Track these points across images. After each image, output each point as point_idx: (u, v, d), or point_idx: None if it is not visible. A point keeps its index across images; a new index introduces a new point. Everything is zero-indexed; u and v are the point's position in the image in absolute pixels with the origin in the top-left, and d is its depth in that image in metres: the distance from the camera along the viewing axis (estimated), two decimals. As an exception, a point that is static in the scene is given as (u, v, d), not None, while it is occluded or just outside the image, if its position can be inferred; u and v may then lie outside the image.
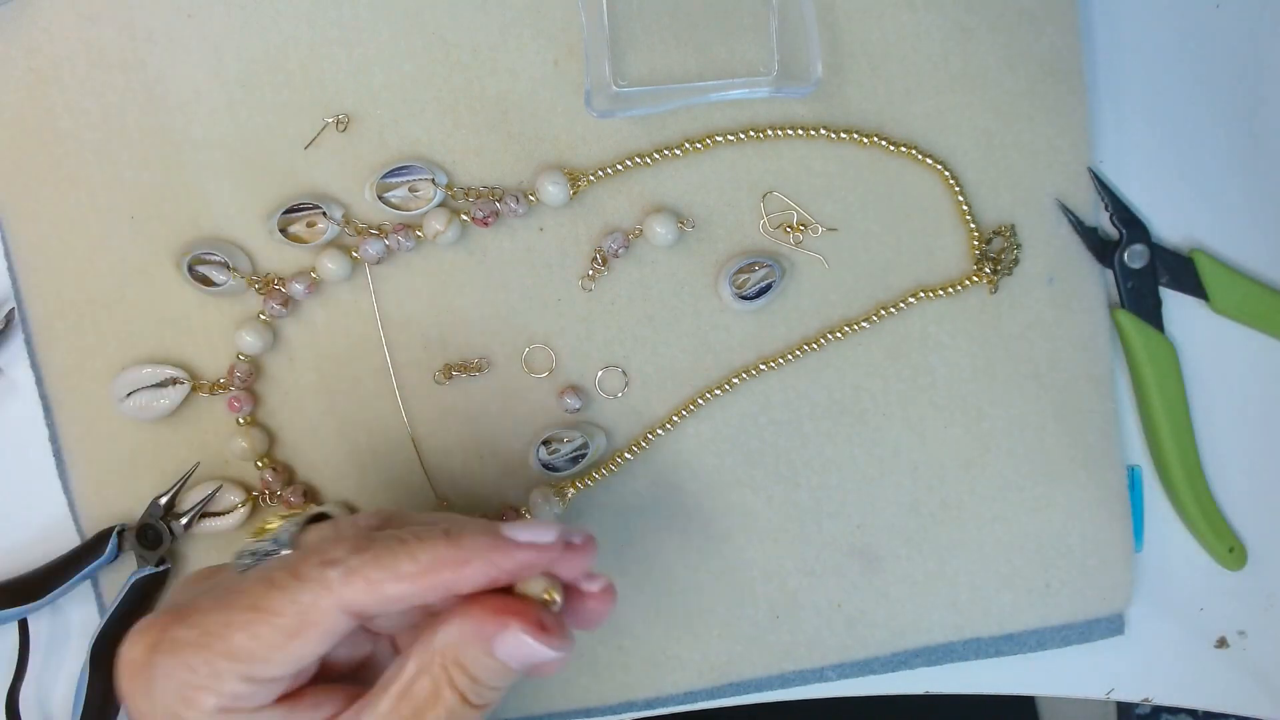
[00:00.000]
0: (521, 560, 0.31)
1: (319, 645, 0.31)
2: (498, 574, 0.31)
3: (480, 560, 0.31)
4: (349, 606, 0.31)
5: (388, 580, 0.31)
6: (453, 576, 0.31)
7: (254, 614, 0.31)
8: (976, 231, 0.44)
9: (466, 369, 0.44)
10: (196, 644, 0.31)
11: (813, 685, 0.46)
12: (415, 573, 0.31)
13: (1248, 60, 0.45)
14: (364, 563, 0.31)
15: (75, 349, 0.43)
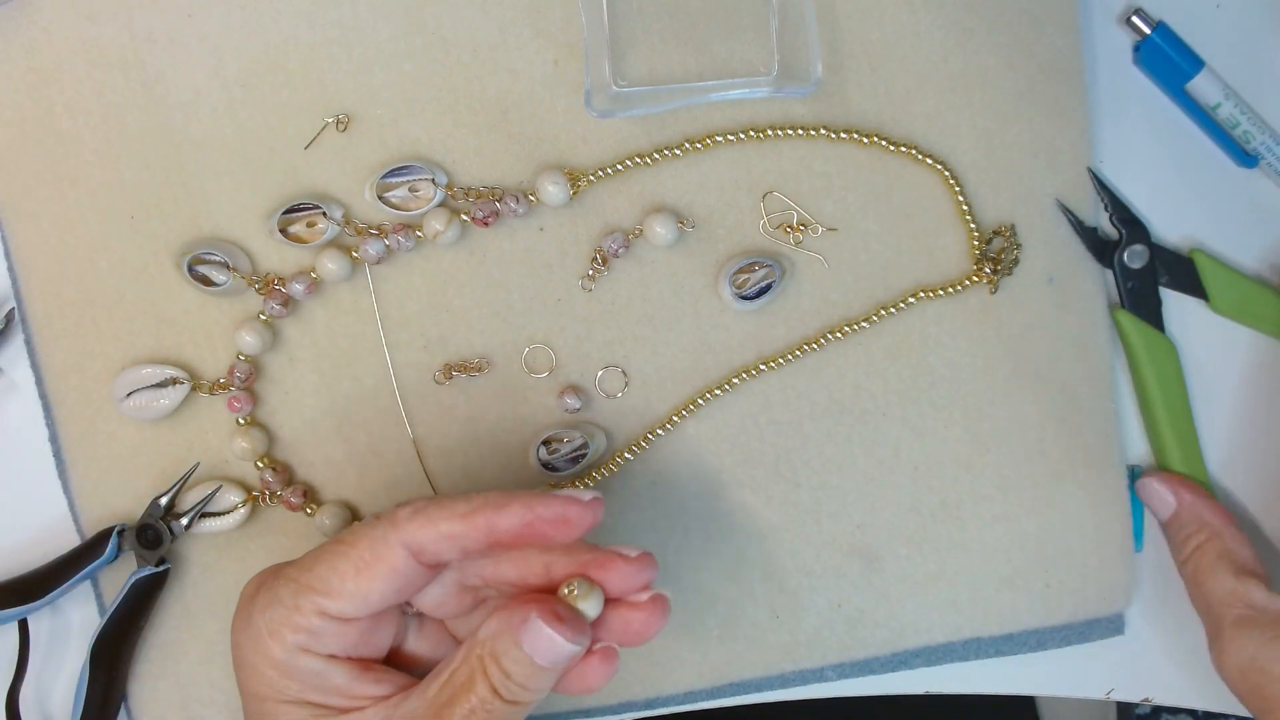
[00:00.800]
0: (557, 509, 0.34)
1: (384, 582, 0.34)
2: (534, 519, 0.34)
3: (519, 504, 0.34)
4: (410, 540, 0.34)
5: (442, 518, 0.34)
6: (495, 516, 0.34)
7: (336, 546, 0.35)
8: (976, 231, 0.44)
9: (466, 369, 0.44)
10: (290, 576, 0.35)
11: (813, 685, 0.46)
12: (466, 511, 0.34)
13: (1248, 60, 0.45)
14: (428, 503, 0.35)
15: (75, 349, 0.43)
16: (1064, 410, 0.45)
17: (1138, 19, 0.44)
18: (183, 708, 0.45)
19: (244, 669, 0.35)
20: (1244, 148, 0.44)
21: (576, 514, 0.34)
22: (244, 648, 0.35)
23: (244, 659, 0.35)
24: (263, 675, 0.35)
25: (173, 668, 0.45)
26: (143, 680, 0.45)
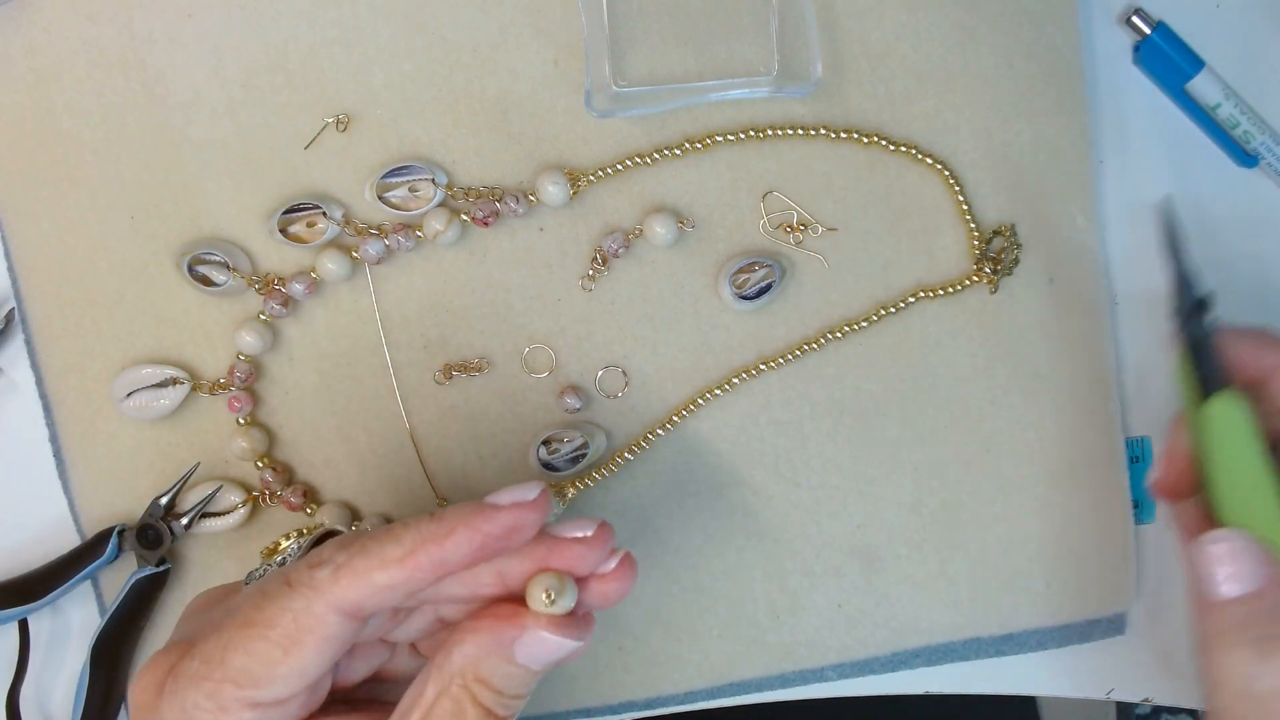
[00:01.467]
0: (505, 521, 0.30)
1: (319, 654, 0.30)
2: (483, 540, 0.30)
3: (463, 526, 0.30)
4: (342, 604, 0.30)
5: (375, 568, 0.30)
6: (438, 549, 0.30)
7: (249, 629, 0.30)
8: (976, 231, 0.44)
9: (466, 369, 0.44)
10: (199, 675, 0.30)
11: (813, 685, 0.46)
12: (402, 555, 0.30)
13: (1248, 60, 0.45)
14: (351, 556, 0.30)
15: (75, 349, 0.43)
16: (1064, 410, 0.45)
17: (1138, 19, 0.44)
18: (183, 708, 0.45)
19: None
20: (1244, 148, 0.44)
21: (529, 517, 0.31)
22: None
23: None
24: None
25: (173, 668, 0.45)
26: (143, 680, 0.45)
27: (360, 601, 0.30)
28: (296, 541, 0.34)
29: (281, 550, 0.34)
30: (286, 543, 0.34)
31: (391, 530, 0.31)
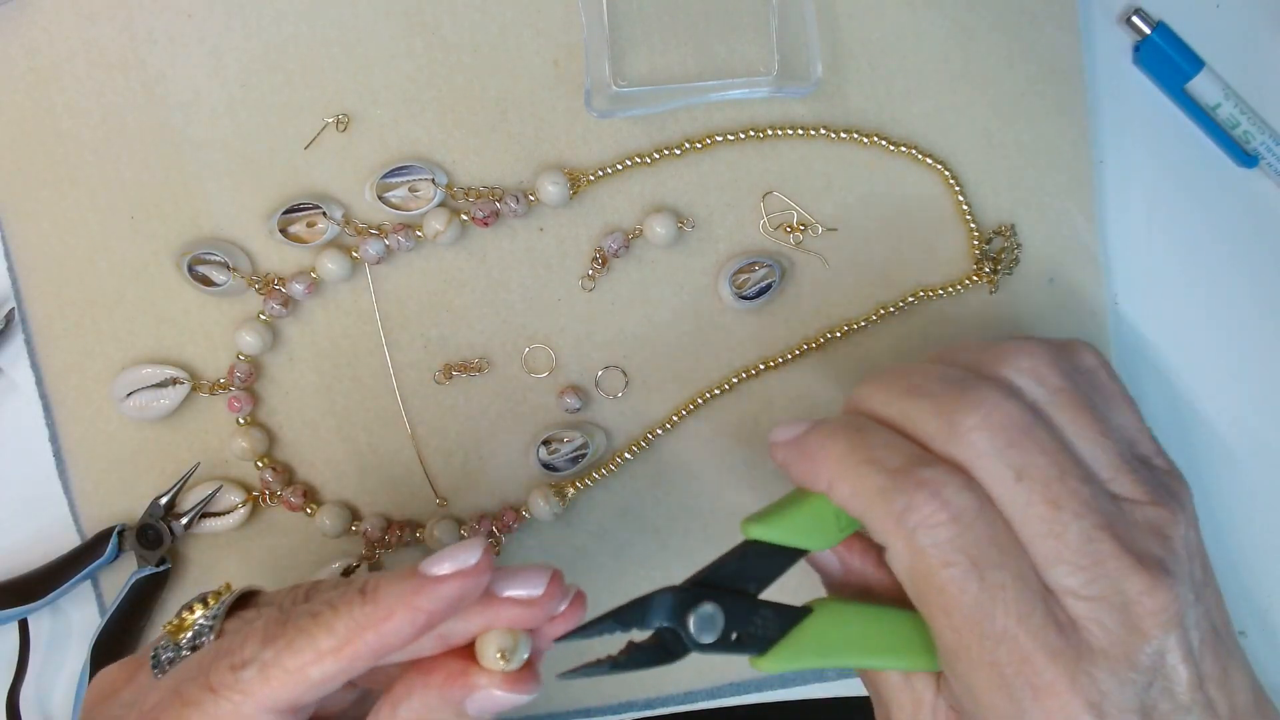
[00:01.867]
0: (448, 595, 0.28)
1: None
2: (427, 619, 0.28)
3: (403, 608, 0.27)
4: (274, 704, 0.27)
5: (309, 664, 0.27)
6: (377, 638, 0.27)
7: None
8: (976, 231, 0.44)
9: (466, 369, 0.44)
10: None
11: (813, 685, 0.46)
12: (336, 646, 0.27)
13: (1248, 60, 0.45)
14: (278, 653, 0.27)
15: (75, 349, 0.43)
16: (1064, 410, 0.45)
17: (1138, 19, 0.44)
18: (183, 708, 0.45)
19: None
20: (1244, 148, 0.44)
21: (472, 585, 0.28)
22: None
23: None
24: None
25: (173, 668, 0.45)
26: (143, 680, 0.45)
27: (294, 699, 0.28)
28: (204, 614, 0.31)
29: (189, 625, 0.31)
30: (193, 616, 0.31)
31: (320, 617, 0.28)
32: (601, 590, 0.45)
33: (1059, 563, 0.29)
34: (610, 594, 0.45)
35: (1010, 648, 0.29)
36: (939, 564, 0.29)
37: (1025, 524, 0.29)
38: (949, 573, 0.29)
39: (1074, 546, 0.29)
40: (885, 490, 0.30)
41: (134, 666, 0.32)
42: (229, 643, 0.29)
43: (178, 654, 0.30)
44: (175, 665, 0.30)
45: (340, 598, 0.28)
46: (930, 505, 0.29)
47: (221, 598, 0.32)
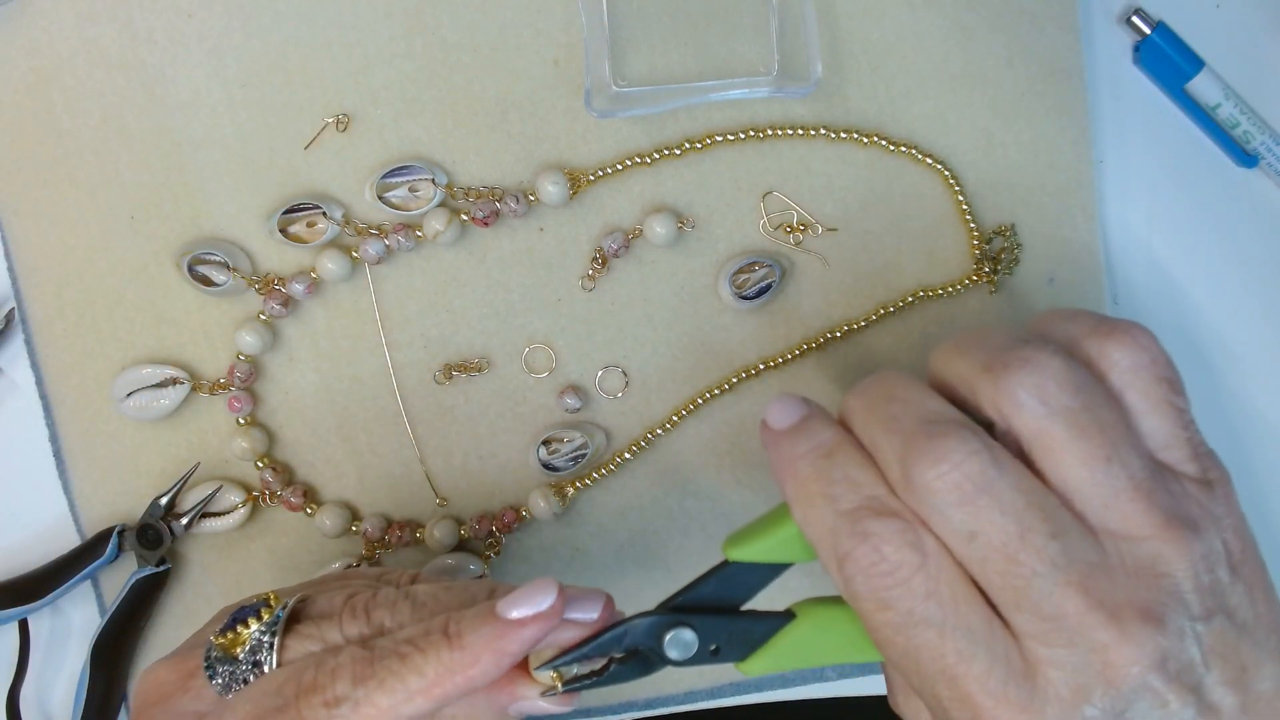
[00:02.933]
0: (529, 638, 0.30)
1: None
2: (510, 660, 0.30)
3: (490, 654, 0.30)
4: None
5: (400, 704, 0.29)
6: (465, 680, 0.30)
7: None
8: (976, 231, 0.44)
9: (466, 369, 0.44)
10: None
11: (813, 685, 0.46)
12: (425, 687, 0.29)
13: (1248, 60, 0.45)
14: (370, 692, 0.29)
15: (75, 349, 0.43)
16: (1064, 410, 0.45)
17: (1138, 19, 0.44)
18: (183, 708, 0.45)
19: None
20: (1244, 148, 0.44)
21: (551, 626, 0.30)
22: None
23: None
24: None
25: (173, 668, 0.45)
26: (143, 680, 0.45)
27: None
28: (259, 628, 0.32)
29: (245, 639, 0.32)
30: (248, 630, 0.32)
31: (408, 659, 0.30)
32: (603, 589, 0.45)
33: (1020, 611, 0.29)
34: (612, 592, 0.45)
35: (949, 686, 0.29)
36: (873, 609, 0.29)
37: (982, 576, 0.29)
38: (882, 617, 0.29)
39: (1034, 600, 0.28)
40: (833, 531, 0.30)
41: (185, 672, 0.33)
42: (315, 683, 0.30)
43: (237, 669, 0.32)
44: (239, 683, 0.31)
45: (425, 640, 0.30)
46: (869, 559, 0.29)
47: (275, 610, 0.33)
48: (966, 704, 0.29)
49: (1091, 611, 0.28)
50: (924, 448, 0.29)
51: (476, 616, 0.31)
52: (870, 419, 0.31)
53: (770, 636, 0.33)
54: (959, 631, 0.29)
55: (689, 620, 0.32)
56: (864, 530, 0.29)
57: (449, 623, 0.31)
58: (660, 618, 0.32)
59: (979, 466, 0.29)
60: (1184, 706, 0.29)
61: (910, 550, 0.29)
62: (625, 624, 0.32)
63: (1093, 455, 0.29)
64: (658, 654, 0.32)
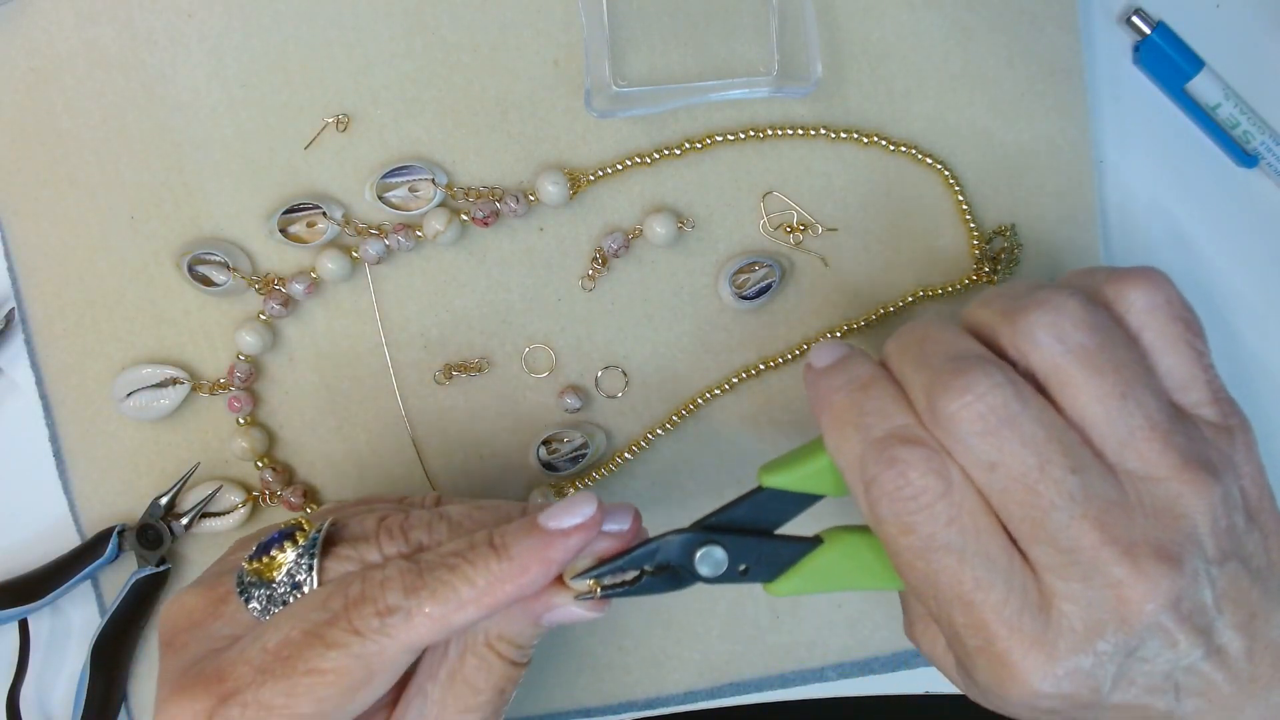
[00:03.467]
0: (573, 546, 0.31)
1: (387, 684, 0.31)
2: (556, 570, 0.31)
3: (537, 563, 0.31)
4: (416, 646, 0.31)
5: (451, 613, 0.30)
6: (515, 589, 0.31)
7: (316, 678, 0.30)
8: (976, 231, 0.44)
9: (466, 369, 0.44)
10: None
11: (813, 685, 0.46)
12: (476, 596, 0.31)
13: (1248, 60, 0.45)
14: (422, 602, 0.30)
15: (75, 349, 0.43)
16: (1064, 410, 0.45)
17: (1138, 19, 0.44)
18: (183, 708, 0.45)
19: None
20: (1244, 148, 0.44)
21: (593, 535, 0.32)
22: None
23: None
24: None
25: (173, 668, 0.45)
26: (143, 680, 0.45)
27: (432, 640, 0.31)
28: (295, 553, 0.33)
29: (281, 564, 0.32)
30: (284, 554, 0.33)
31: (458, 570, 0.31)
32: (601, 590, 0.45)
33: (1037, 543, 0.30)
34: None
35: (965, 613, 0.30)
36: (896, 533, 0.30)
37: (1002, 507, 0.30)
38: (905, 541, 0.30)
39: (1051, 532, 0.29)
40: (861, 458, 0.31)
41: (214, 598, 0.34)
42: (366, 594, 0.31)
43: (275, 591, 0.32)
44: (278, 605, 0.32)
45: (473, 553, 0.31)
46: (895, 483, 0.30)
47: (310, 534, 0.33)
48: (981, 631, 0.30)
49: (1107, 546, 0.29)
50: (950, 380, 0.30)
51: (520, 529, 0.32)
52: (903, 356, 0.32)
53: (798, 560, 0.34)
54: (978, 559, 0.30)
55: (720, 539, 0.33)
56: (891, 456, 0.30)
57: (493, 536, 0.32)
58: (693, 535, 0.33)
59: (1002, 399, 0.29)
60: (1193, 648, 0.30)
61: (935, 477, 0.30)
62: (660, 539, 0.33)
63: (1108, 392, 0.30)
64: (688, 570, 0.33)
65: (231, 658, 0.31)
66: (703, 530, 0.34)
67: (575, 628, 0.45)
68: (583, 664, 0.45)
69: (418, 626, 0.30)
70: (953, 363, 0.30)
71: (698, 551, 0.33)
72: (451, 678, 0.32)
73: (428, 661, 0.33)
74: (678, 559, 0.33)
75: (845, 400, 0.32)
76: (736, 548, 0.34)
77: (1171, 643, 0.30)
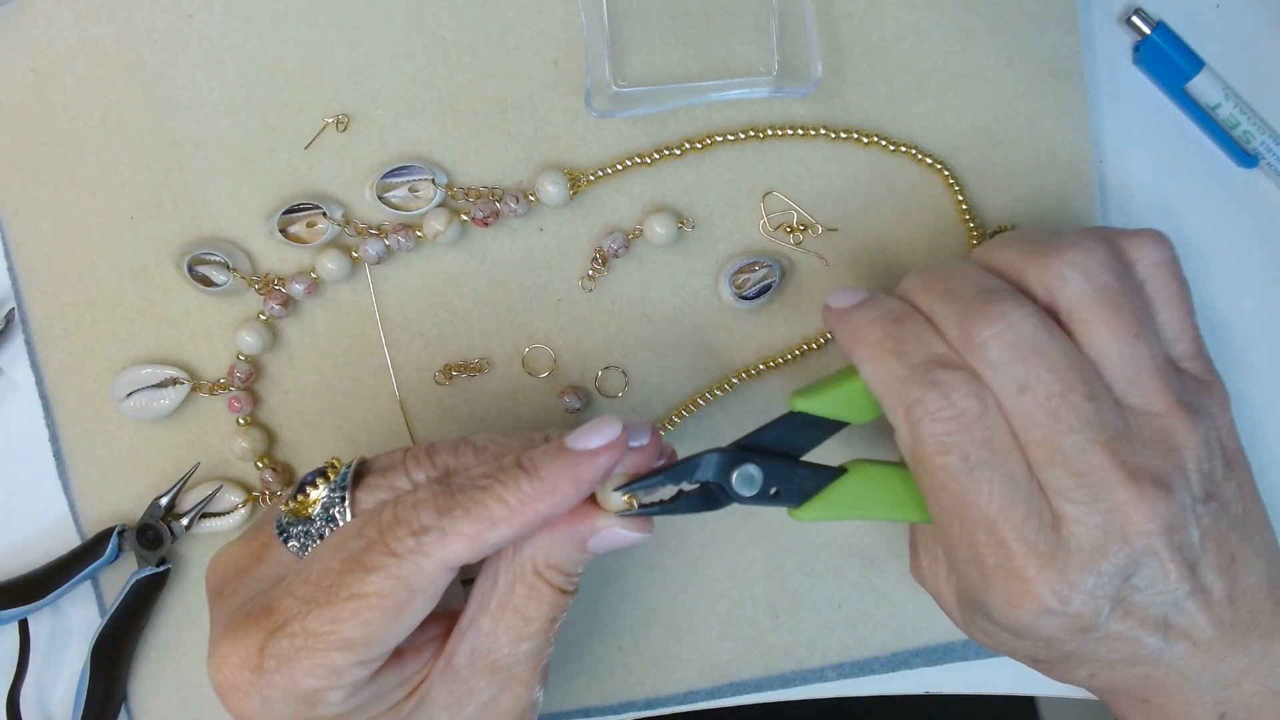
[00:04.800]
0: (602, 465, 0.32)
1: (427, 607, 0.32)
2: (587, 488, 0.32)
3: (568, 482, 0.32)
4: (452, 564, 0.32)
5: (485, 530, 0.31)
6: (547, 507, 0.32)
7: (359, 601, 0.31)
8: (976, 231, 0.44)
9: (466, 369, 0.44)
10: (307, 649, 0.31)
11: (813, 685, 0.46)
12: (508, 514, 0.32)
13: (1248, 60, 0.45)
14: (456, 521, 0.32)
15: (75, 349, 0.43)
16: (1064, 410, 0.45)
17: (1138, 19, 0.44)
18: (183, 708, 0.45)
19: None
20: (1244, 148, 0.44)
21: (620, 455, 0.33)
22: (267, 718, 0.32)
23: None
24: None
25: (173, 668, 0.45)
26: (143, 680, 0.45)
27: (468, 558, 0.32)
28: (327, 488, 0.34)
29: (315, 500, 0.34)
30: (316, 491, 0.34)
31: (490, 490, 0.32)
32: (601, 588, 0.45)
33: (1053, 466, 0.32)
34: (611, 593, 0.45)
35: (988, 532, 0.32)
36: (934, 453, 0.32)
37: (1025, 430, 0.32)
38: (941, 461, 0.32)
39: (1067, 455, 0.32)
40: (902, 381, 0.33)
41: (257, 545, 0.35)
42: (400, 517, 0.32)
43: (311, 527, 0.34)
44: (315, 539, 0.34)
45: (503, 474, 0.32)
46: (937, 404, 0.32)
47: (340, 470, 0.35)
48: (1001, 548, 0.32)
49: (1115, 470, 0.32)
50: (983, 308, 0.32)
51: (548, 451, 0.33)
52: (930, 293, 0.34)
53: (823, 487, 0.36)
54: (1005, 480, 0.32)
55: (755, 459, 0.34)
56: (934, 379, 0.32)
57: (521, 459, 0.33)
58: (730, 453, 0.34)
59: (1032, 328, 0.32)
60: (1181, 581, 0.32)
61: (974, 399, 0.32)
62: (697, 457, 0.34)
63: (1124, 330, 0.33)
64: (724, 490, 0.34)
65: (277, 594, 0.33)
66: (738, 449, 0.35)
67: (575, 627, 0.45)
68: (583, 664, 0.45)
69: (452, 544, 0.31)
70: (984, 294, 0.33)
71: (734, 470, 0.34)
72: (502, 608, 0.33)
73: (479, 594, 0.34)
74: (715, 477, 0.34)
75: (881, 331, 0.34)
76: (769, 469, 0.35)
77: (1163, 573, 0.32)
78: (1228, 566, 0.34)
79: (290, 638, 0.31)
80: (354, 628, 0.31)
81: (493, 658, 0.34)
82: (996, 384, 0.32)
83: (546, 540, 0.33)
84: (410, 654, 0.34)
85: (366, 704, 0.33)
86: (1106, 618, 0.32)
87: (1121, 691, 0.36)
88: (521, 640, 0.34)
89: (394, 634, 0.32)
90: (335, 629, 0.31)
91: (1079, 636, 0.33)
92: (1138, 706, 0.36)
